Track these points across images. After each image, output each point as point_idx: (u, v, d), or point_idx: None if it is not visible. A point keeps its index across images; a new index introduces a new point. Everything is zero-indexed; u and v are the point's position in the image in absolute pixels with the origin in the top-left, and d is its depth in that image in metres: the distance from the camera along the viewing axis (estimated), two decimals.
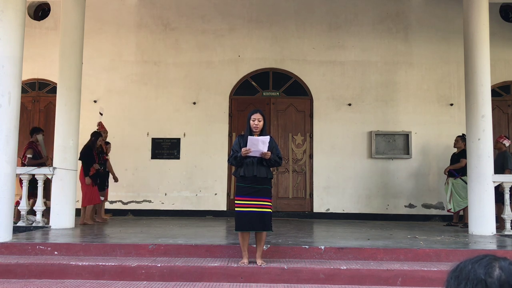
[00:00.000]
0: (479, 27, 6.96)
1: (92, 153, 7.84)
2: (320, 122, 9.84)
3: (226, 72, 9.92)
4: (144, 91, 9.91)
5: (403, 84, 9.88)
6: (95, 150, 7.95)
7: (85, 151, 7.83)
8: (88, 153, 7.81)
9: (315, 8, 10.04)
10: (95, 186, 7.82)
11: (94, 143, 7.94)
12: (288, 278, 4.53)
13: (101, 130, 8.41)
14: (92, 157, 7.83)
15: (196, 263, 4.73)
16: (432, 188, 9.63)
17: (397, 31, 10.00)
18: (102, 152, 8.31)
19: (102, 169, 8.18)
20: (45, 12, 10.38)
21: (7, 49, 5.53)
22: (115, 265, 4.65)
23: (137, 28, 10.05)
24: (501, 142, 7.95)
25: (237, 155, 4.76)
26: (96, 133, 8.11)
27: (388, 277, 4.52)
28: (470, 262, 1.14)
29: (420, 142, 9.72)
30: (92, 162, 7.80)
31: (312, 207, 9.73)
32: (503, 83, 9.88)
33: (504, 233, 6.71)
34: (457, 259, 4.77)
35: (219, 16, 10.05)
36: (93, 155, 7.86)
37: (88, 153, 7.81)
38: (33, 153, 7.92)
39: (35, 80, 10.07)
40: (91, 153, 7.83)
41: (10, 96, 5.52)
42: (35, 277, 4.57)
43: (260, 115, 4.85)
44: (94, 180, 7.81)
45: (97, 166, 7.85)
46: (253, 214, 4.66)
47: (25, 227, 6.77)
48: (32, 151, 7.93)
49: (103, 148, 8.39)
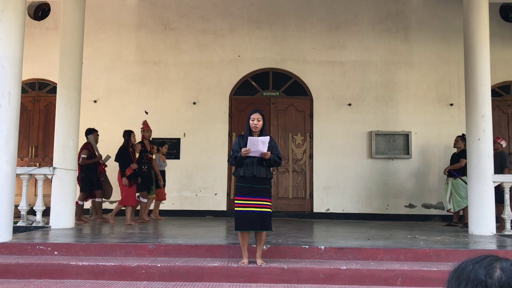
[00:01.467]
0: (479, 27, 6.96)
1: (127, 153, 7.69)
2: (320, 122, 9.84)
3: (226, 72, 9.92)
4: (144, 91, 9.91)
5: (403, 84, 9.88)
6: (131, 149, 7.78)
7: (120, 152, 7.74)
8: (122, 153, 7.70)
9: (315, 8, 10.04)
10: (132, 187, 7.62)
11: (128, 142, 7.79)
12: (288, 278, 4.53)
13: (145, 129, 8.28)
14: (128, 157, 7.66)
15: (196, 263, 4.73)
16: (432, 188, 9.63)
17: (397, 31, 10.01)
18: (146, 151, 8.10)
19: (146, 168, 8.00)
20: (45, 12, 10.38)
21: (7, 49, 5.53)
22: (115, 265, 4.65)
23: (137, 28, 10.05)
24: (498, 143, 7.97)
25: (237, 155, 4.76)
26: (127, 131, 7.93)
27: (388, 277, 4.52)
28: (471, 263, 1.14)
29: (420, 142, 9.73)
30: (128, 163, 7.62)
31: (312, 207, 9.73)
32: (503, 83, 9.89)
33: (504, 233, 6.71)
34: (457, 259, 4.78)
35: (219, 16, 10.05)
36: (129, 155, 7.70)
37: (123, 153, 7.69)
38: (88, 154, 8.07)
39: (35, 80, 10.07)
40: (125, 153, 7.69)
41: (10, 96, 5.52)
42: (35, 277, 4.57)
43: (260, 115, 4.85)
44: (133, 180, 7.64)
45: (134, 166, 7.65)
46: (253, 214, 4.66)
47: (25, 227, 6.77)
48: (88, 152, 8.09)
49: (147, 147, 8.18)
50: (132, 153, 7.81)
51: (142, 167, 7.92)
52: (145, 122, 8.46)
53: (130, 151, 7.80)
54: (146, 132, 8.31)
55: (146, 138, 8.27)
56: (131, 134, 7.87)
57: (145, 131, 8.30)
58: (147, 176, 8.08)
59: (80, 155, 8.00)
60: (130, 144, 7.80)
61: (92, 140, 8.31)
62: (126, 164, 7.62)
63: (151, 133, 8.47)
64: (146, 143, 8.21)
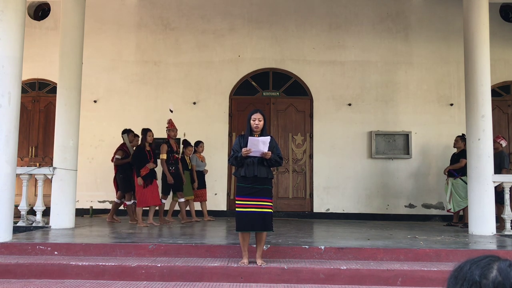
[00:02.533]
0: (479, 27, 6.96)
1: (142, 153, 7.51)
2: (320, 122, 9.84)
3: (226, 72, 9.93)
4: (144, 91, 9.91)
5: (403, 84, 9.88)
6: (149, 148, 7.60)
7: (135, 153, 7.62)
8: (138, 153, 7.56)
9: (315, 8, 10.04)
10: (147, 188, 7.43)
11: (143, 141, 7.61)
12: (288, 278, 4.53)
13: (170, 128, 8.03)
14: (143, 157, 7.48)
15: (196, 263, 4.73)
16: (432, 188, 9.63)
17: (397, 31, 10.01)
18: (172, 151, 7.86)
19: (174, 169, 7.82)
20: (45, 12, 10.38)
21: (7, 49, 5.53)
22: (115, 265, 4.65)
23: (137, 28, 10.05)
24: (498, 142, 7.97)
25: (238, 155, 4.76)
26: (143, 130, 7.74)
27: (388, 277, 4.52)
28: (469, 262, 1.14)
29: (420, 142, 9.73)
30: (144, 162, 7.45)
31: (312, 207, 9.73)
32: (503, 83, 9.89)
33: (504, 233, 6.71)
34: (457, 259, 4.78)
35: (219, 16, 10.05)
36: (145, 155, 7.50)
37: (138, 153, 7.55)
38: (123, 155, 8.00)
39: (35, 80, 10.07)
40: (140, 154, 7.51)
41: (10, 96, 5.52)
42: (35, 277, 4.57)
43: (261, 115, 4.85)
44: (149, 180, 7.47)
45: (151, 166, 7.48)
46: (254, 214, 4.66)
47: (25, 227, 6.77)
48: (123, 153, 8.03)
49: (173, 147, 7.94)
50: (149, 152, 7.59)
51: (169, 168, 7.74)
52: (170, 121, 8.19)
53: (148, 150, 7.59)
54: (172, 131, 8.03)
55: (172, 138, 8.00)
56: (147, 133, 7.64)
57: (170, 130, 8.02)
58: (175, 177, 7.84)
59: (114, 156, 8.03)
60: (144, 144, 7.59)
61: (127, 140, 8.20)
62: (141, 164, 7.45)
63: (177, 132, 8.17)
64: (172, 143, 7.96)
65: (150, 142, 7.66)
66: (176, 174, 7.88)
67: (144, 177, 7.44)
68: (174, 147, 7.97)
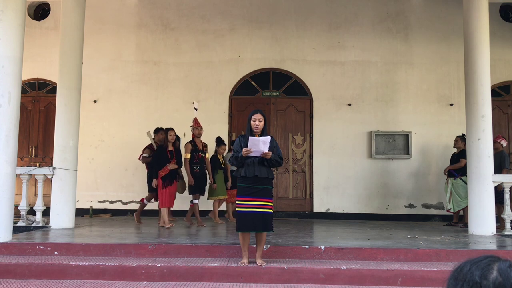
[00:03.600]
0: (479, 27, 6.96)
1: (162, 154, 7.35)
2: (320, 122, 9.84)
3: (226, 72, 9.93)
4: (144, 91, 9.91)
5: (403, 84, 9.88)
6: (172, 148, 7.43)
7: (155, 153, 7.50)
8: (156, 154, 7.44)
9: (315, 8, 10.04)
10: (166, 189, 7.26)
11: (165, 141, 7.43)
12: (288, 278, 4.53)
13: (195, 127, 7.72)
14: (163, 158, 7.31)
15: (196, 263, 4.73)
16: (432, 188, 9.63)
17: (397, 31, 10.01)
18: (197, 151, 7.59)
19: (198, 169, 7.54)
20: (45, 12, 10.38)
21: (7, 49, 5.53)
22: (115, 265, 4.65)
23: (137, 28, 10.05)
24: (498, 142, 7.97)
25: (238, 155, 4.77)
26: (165, 129, 7.63)
27: (388, 277, 4.52)
28: (470, 263, 1.13)
29: (420, 142, 9.73)
30: (164, 163, 7.29)
31: (312, 207, 9.73)
32: (503, 83, 9.89)
33: (504, 233, 6.71)
34: (457, 259, 4.78)
35: (219, 16, 10.05)
36: (165, 155, 7.33)
37: (157, 154, 7.43)
38: (150, 153, 7.94)
39: (35, 80, 10.07)
40: (160, 154, 7.37)
41: (10, 96, 5.52)
42: (35, 277, 4.57)
43: (261, 115, 4.86)
44: (168, 181, 7.29)
45: (171, 166, 7.29)
46: (255, 214, 4.67)
47: (25, 227, 6.78)
48: (150, 151, 7.98)
49: (198, 146, 7.65)
50: (171, 152, 7.42)
51: (193, 168, 7.50)
52: (195, 120, 7.93)
53: (171, 149, 7.42)
54: (196, 129, 7.71)
55: (197, 136, 7.69)
56: (168, 132, 7.47)
57: (195, 129, 7.71)
58: (200, 176, 7.59)
59: (141, 154, 8.01)
60: (168, 143, 7.42)
61: (151, 138, 8.10)
62: (161, 165, 7.30)
63: (202, 131, 7.84)
64: (197, 142, 7.67)
65: (172, 142, 7.47)
66: (200, 174, 7.60)
67: (163, 178, 7.28)
68: (199, 146, 7.68)
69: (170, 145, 7.48)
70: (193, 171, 7.52)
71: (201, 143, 7.77)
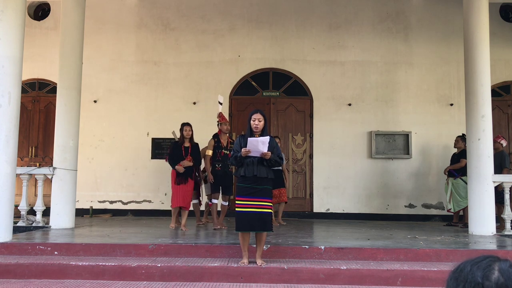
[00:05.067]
0: (479, 27, 6.96)
1: (176, 150, 7.04)
2: (320, 122, 9.84)
3: (226, 72, 9.92)
4: (144, 91, 9.91)
5: (403, 84, 9.88)
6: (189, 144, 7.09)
7: (169, 149, 7.28)
8: (170, 150, 7.20)
9: (315, 8, 10.04)
10: (179, 186, 6.93)
11: (182, 137, 7.11)
12: (288, 278, 4.53)
13: (221, 122, 7.22)
14: (176, 154, 7.01)
15: (196, 263, 4.73)
16: (432, 188, 9.63)
17: (397, 31, 10.01)
18: (220, 147, 7.11)
19: (220, 167, 7.05)
20: (45, 12, 10.38)
21: (7, 49, 5.53)
22: (115, 265, 4.65)
23: (137, 28, 10.05)
24: (498, 142, 7.97)
25: (238, 155, 4.77)
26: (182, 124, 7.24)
27: (388, 277, 4.52)
28: (470, 263, 1.13)
29: (420, 142, 9.73)
30: (178, 159, 6.96)
31: (312, 207, 9.73)
32: (503, 83, 9.89)
33: (504, 233, 6.71)
34: (457, 259, 4.78)
35: (219, 16, 10.05)
36: (179, 152, 7.01)
37: (171, 150, 7.17)
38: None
39: (35, 80, 10.07)
40: (174, 150, 7.07)
41: (10, 96, 5.52)
42: (35, 277, 4.57)
43: (261, 115, 4.86)
44: (181, 179, 6.94)
45: (185, 163, 6.93)
46: (254, 214, 4.67)
47: (25, 227, 6.78)
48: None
49: (223, 143, 7.17)
50: (186, 149, 7.05)
51: (215, 165, 7.05)
52: (220, 114, 7.33)
53: (187, 146, 7.07)
54: (224, 125, 7.19)
55: (224, 132, 7.18)
56: (184, 127, 7.11)
57: (222, 124, 7.19)
58: (222, 175, 7.09)
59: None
60: (184, 139, 7.08)
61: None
62: (175, 161, 6.99)
63: (229, 126, 7.41)
64: (222, 138, 7.16)
65: (188, 138, 7.10)
66: (222, 172, 7.09)
67: (177, 174, 6.97)
68: (223, 143, 7.15)
69: (186, 141, 7.11)
70: (214, 169, 7.07)
71: (228, 140, 7.25)
